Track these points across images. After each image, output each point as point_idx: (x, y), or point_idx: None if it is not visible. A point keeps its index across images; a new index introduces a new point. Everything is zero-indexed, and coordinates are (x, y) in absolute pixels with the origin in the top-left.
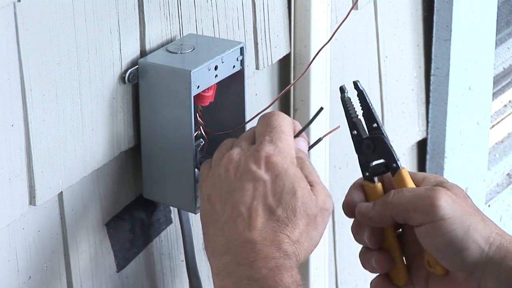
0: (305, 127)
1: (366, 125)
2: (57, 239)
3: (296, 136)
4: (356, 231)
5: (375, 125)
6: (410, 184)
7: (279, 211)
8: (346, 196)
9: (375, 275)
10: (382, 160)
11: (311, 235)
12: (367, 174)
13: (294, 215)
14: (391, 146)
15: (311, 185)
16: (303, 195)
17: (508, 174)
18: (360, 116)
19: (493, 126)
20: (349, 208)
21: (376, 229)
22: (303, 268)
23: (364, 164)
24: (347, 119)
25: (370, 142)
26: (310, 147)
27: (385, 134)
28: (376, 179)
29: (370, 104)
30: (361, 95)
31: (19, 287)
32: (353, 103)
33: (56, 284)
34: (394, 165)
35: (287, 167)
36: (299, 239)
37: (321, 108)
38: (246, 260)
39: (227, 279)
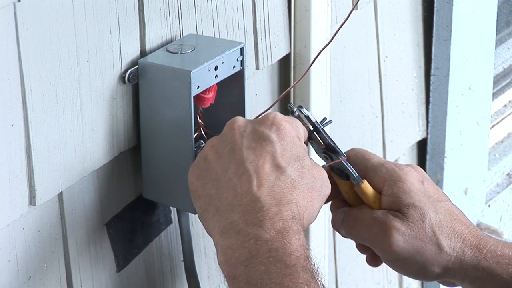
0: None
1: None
2: (57, 239)
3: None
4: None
5: (326, 142)
6: (372, 196)
7: (288, 171)
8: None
9: (375, 274)
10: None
11: (313, 204)
12: (334, 171)
13: (302, 178)
14: (347, 164)
15: (314, 163)
16: (310, 163)
17: (508, 174)
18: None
19: (493, 126)
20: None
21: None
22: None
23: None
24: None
25: (326, 156)
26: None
27: (340, 152)
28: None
29: (318, 125)
30: (308, 119)
31: (19, 287)
32: (304, 118)
33: (56, 284)
34: (353, 179)
35: (294, 136)
36: (304, 204)
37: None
38: (255, 219)
39: (234, 237)
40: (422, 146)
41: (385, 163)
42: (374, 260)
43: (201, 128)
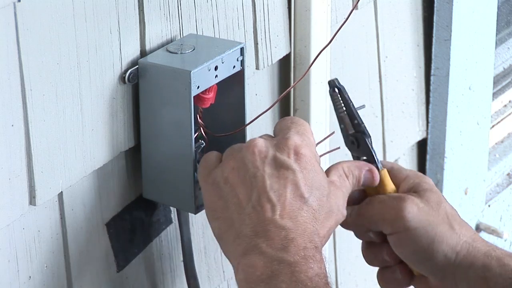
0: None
1: (350, 121)
2: (57, 239)
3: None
4: (367, 254)
5: (356, 121)
6: (389, 186)
7: (311, 201)
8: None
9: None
10: (363, 158)
11: (330, 232)
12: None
13: (321, 208)
14: (371, 146)
15: (334, 188)
16: (330, 191)
17: (508, 174)
18: (343, 113)
19: (493, 126)
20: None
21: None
22: None
23: (356, 158)
24: (335, 114)
25: (354, 139)
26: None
27: (366, 132)
28: None
29: (349, 101)
30: (340, 92)
31: (19, 287)
32: (340, 98)
33: (56, 284)
34: (374, 165)
35: (314, 162)
36: (323, 234)
37: (338, 148)
38: (280, 245)
39: (256, 257)
40: (422, 146)
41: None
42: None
43: (201, 128)
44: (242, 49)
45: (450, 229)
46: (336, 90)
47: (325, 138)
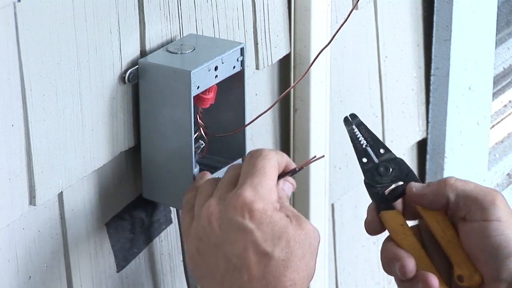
0: (294, 173)
1: (373, 151)
2: (57, 239)
3: (282, 176)
4: (387, 262)
5: (382, 150)
6: None
7: (277, 253)
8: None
9: (375, 274)
10: (400, 183)
11: (309, 266)
12: (382, 204)
13: (291, 253)
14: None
15: (296, 220)
16: (294, 234)
17: (508, 174)
18: (365, 146)
19: (493, 126)
20: (371, 227)
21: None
22: None
23: (377, 194)
24: (355, 148)
25: (387, 165)
26: (284, 174)
27: (397, 157)
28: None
29: (371, 132)
30: (363, 125)
31: (19, 287)
32: (358, 133)
33: (56, 284)
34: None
35: (270, 213)
36: (300, 277)
37: (322, 156)
38: None
39: None
40: (422, 146)
41: None
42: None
43: (201, 128)
44: (242, 49)
45: None
46: (355, 125)
47: (312, 161)
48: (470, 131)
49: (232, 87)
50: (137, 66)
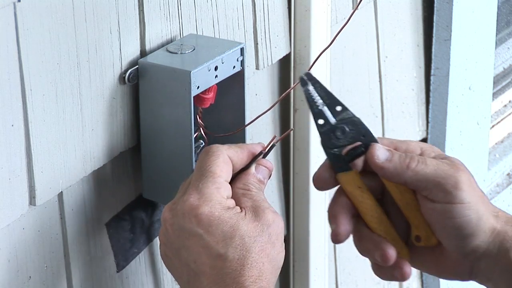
0: (264, 155)
1: (330, 111)
2: (57, 239)
3: (251, 163)
4: (365, 249)
5: (339, 108)
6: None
7: (230, 254)
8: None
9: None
10: (357, 143)
11: (271, 256)
12: (339, 166)
13: (247, 251)
14: (365, 124)
15: (252, 212)
16: (247, 229)
17: (508, 174)
18: (321, 106)
19: (493, 126)
20: (319, 183)
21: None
22: (304, 267)
23: (334, 155)
24: (311, 110)
25: (344, 126)
26: (266, 154)
27: (355, 115)
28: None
29: (328, 90)
30: (318, 83)
31: (19, 287)
32: (314, 94)
33: (56, 284)
34: (373, 142)
35: (218, 214)
36: (262, 270)
37: (290, 130)
38: None
39: None
40: None
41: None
42: (379, 267)
43: (201, 128)
44: (242, 49)
45: (490, 205)
46: (311, 85)
47: (283, 136)
48: (470, 131)
49: (232, 87)
50: (137, 66)
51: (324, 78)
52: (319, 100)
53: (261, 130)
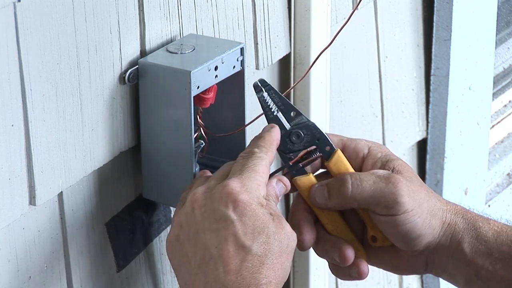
0: (278, 170)
1: (285, 117)
2: (57, 239)
3: (273, 174)
4: (324, 252)
5: (293, 113)
6: (348, 165)
7: (254, 249)
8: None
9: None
10: (312, 148)
11: (285, 266)
12: (295, 170)
13: (269, 250)
14: (320, 129)
15: (277, 219)
16: (275, 231)
17: (508, 174)
18: (276, 112)
19: (493, 126)
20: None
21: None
22: (303, 267)
23: (290, 160)
24: (266, 116)
25: (299, 131)
26: (277, 171)
27: (309, 119)
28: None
29: (281, 96)
30: (272, 90)
31: (19, 287)
32: (268, 100)
33: (56, 284)
34: (328, 148)
35: (254, 207)
36: (276, 275)
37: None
38: None
39: None
40: (422, 146)
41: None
42: (336, 267)
43: (201, 128)
44: (242, 49)
45: (435, 202)
46: (265, 91)
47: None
48: (470, 131)
49: (232, 87)
50: (137, 66)
51: (324, 78)
52: (273, 106)
53: (261, 130)
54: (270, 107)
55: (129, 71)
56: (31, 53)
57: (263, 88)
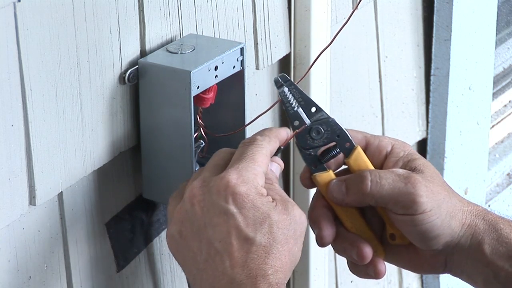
0: (279, 151)
1: (305, 112)
2: (57, 239)
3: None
4: (342, 249)
5: (313, 109)
6: (368, 162)
7: (257, 239)
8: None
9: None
10: (331, 144)
11: (293, 252)
12: (314, 166)
13: (273, 239)
14: (341, 125)
15: (282, 205)
16: (277, 219)
17: (508, 174)
18: (297, 108)
19: (493, 126)
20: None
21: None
22: (303, 267)
23: (309, 156)
24: (287, 112)
25: (319, 127)
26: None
27: (328, 115)
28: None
29: (302, 92)
30: (293, 85)
31: (19, 287)
32: (289, 96)
33: (56, 284)
34: (348, 144)
35: (253, 197)
36: (283, 263)
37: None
38: None
39: None
40: (422, 146)
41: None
42: (354, 265)
43: (201, 128)
44: (242, 49)
45: (456, 202)
46: (286, 86)
47: (295, 133)
48: (470, 131)
49: (232, 87)
50: (137, 66)
51: (324, 78)
52: (294, 102)
53: (261, 130)
54: (291, 102)
55: (129, 71)
56: (31, 53)
57: (283, 84)
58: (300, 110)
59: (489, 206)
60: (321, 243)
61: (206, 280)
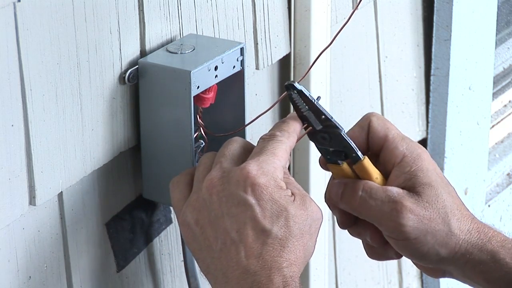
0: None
1: (316, 118)
2: (57, 239)
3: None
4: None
5: (323, 117)
6: (374, 172)
7: (274, 232)
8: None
9: (375, 274)
10: (339, 149)
11: (307, 247)
12: (329, 157)
13: (289, 233)
14: (347, 138)
15: (300, 199)
16: (294, 213)
17: (508, 174)
18: (306, 112)
19: (493, 126)
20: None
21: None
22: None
23: (323, 149)
24: (297, 112)
25: (325, 135)
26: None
27: (338, 125)
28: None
29: (312, 99)
30: (302, 94)
31: (19, 287)
32: (300, 100)
33: (56, 284)
34: (354, 155)
35: (271, 190)
36: (297, 256)
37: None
38: None
39: None
40: (422, 146)
41: (405, 137)
42: (371, 249)
43: (201, 128)
44: (242, 49)
45: (449, 231)
46: (295, 92)
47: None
48: (470, 131)
49: (232, 87)
50: (137, 66)
51: (324, 78)
52: (304, 107)
53: (261, 130)
54: (299, 106)
55: (129, 71)
56: (31, 53)
57: (292, 91)
58: (310, 113)
59: (489, 206)
60: (343, 226)
61: (220, 269)
